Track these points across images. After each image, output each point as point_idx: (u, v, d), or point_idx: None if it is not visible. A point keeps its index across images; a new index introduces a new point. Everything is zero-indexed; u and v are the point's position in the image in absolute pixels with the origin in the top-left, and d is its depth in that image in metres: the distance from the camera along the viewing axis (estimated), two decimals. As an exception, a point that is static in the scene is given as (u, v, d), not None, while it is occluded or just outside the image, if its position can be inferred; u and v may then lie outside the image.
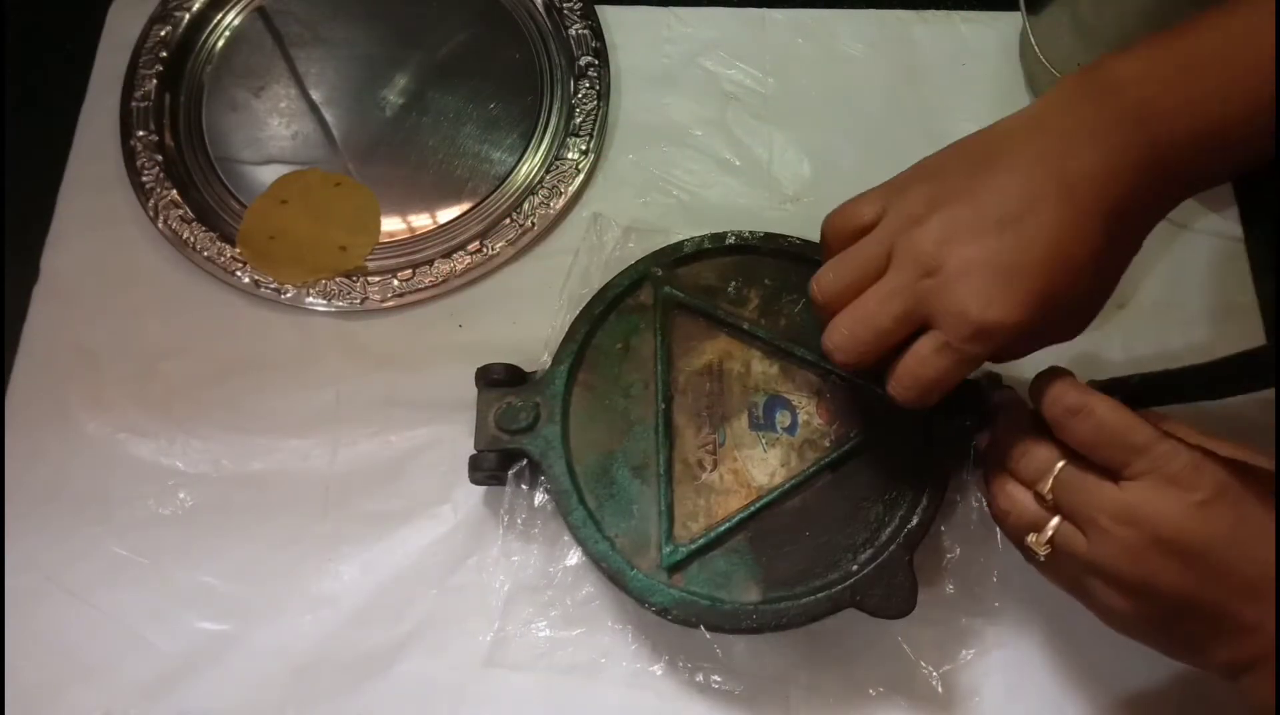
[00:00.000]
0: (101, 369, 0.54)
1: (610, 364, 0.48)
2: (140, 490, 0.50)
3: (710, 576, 0.44)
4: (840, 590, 0.43)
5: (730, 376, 0.48)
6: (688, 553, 0.44)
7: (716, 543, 0.45)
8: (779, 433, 0.47)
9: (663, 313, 0.49)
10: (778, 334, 0.48)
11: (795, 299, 0.49)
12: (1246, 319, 0.54)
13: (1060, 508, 0.37)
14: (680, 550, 0.44)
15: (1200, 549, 0.34)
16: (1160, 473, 0.35)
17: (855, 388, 0.47)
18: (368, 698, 0.47)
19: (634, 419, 0.47)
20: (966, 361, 0.36)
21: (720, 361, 0.48)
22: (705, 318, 0.49)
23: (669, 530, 0.45)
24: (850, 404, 0.47)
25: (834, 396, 0.47)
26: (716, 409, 0.47)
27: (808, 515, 0.45)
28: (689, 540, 0.44)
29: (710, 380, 0.48)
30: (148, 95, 0.59)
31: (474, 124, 0.59)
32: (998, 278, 0.35)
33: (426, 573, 0.50)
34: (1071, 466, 0.37)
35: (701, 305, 0.49)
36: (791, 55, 0.61)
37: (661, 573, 0.44)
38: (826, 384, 0.47)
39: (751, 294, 0.49)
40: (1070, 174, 0.35)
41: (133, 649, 0.48)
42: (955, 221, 0.36)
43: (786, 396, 0.47)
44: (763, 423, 0.47)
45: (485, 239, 0.56)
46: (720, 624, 0.43)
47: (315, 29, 0.61)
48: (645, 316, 0.49)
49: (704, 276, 0.50)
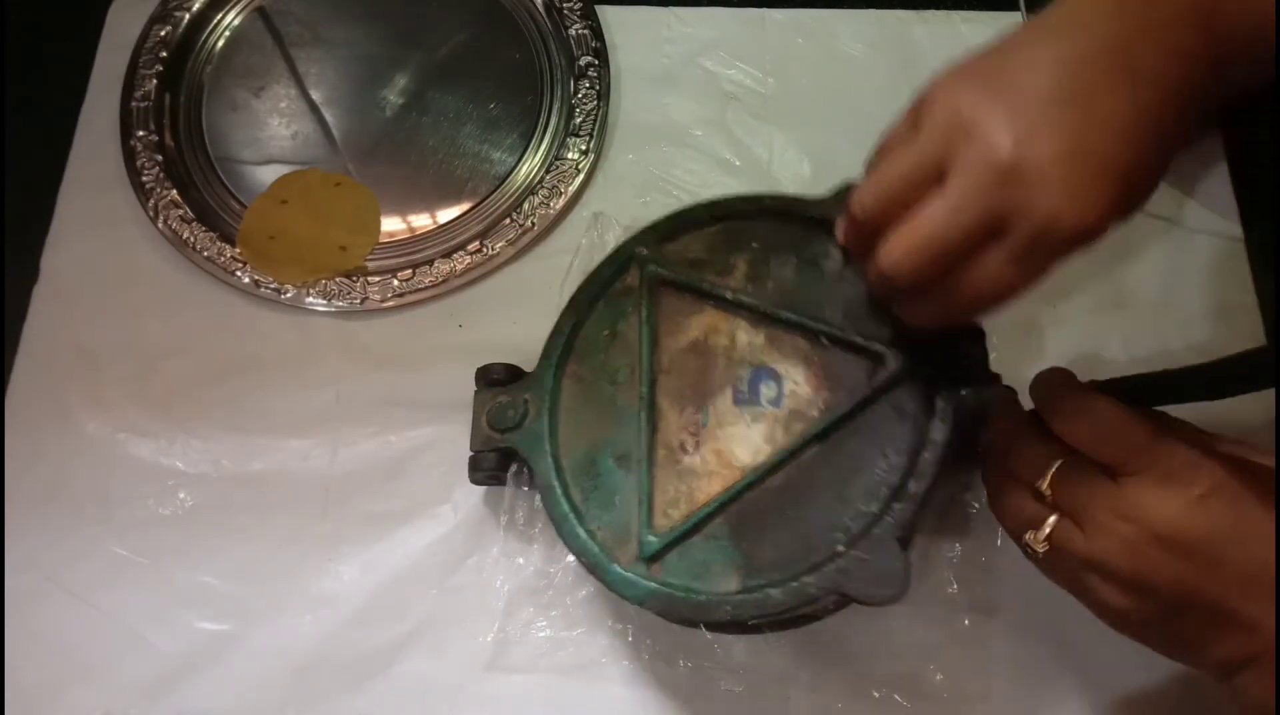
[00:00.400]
0: (101, 369, 0.54)
1: (598, 352, 0.47)
2: (140, 490, 0.50)
3: (689, 566, 0.41)
4: (823, 575, 0.39)
5: (716, 351, 0.45)
6: (665, 542, 0.41)
7: (695, 530, 0.42)
8: (764, 407, 0.43)
9: (649, 293, 0.46)
10: (765, 299, 0.45)
11: (784, 260, 0.46)
12: (1246, 319, 0.54)
13: (1059, 505, 0.37)
14: (657, 540, 0.42)
15: (1198, 545, 0.34)
16: (1158, 469, 0.35)
17: (850, 347, 0.43)
18: (368, 698, 0.47)
19: (621, 406, 0.45)
20: (1046, 270, 0.33)
21: (706, 336, 0.45)
22: (691, 292, 0.46)
23: (648, 519, 0.42)
24: (841, 367, 0.43)
25: (823, 361, 0.44)
26: (701, 387, 0.44)
27: (793, 494, 0.42)
28: (668, 529, 0.42)
29: (696, 357, 0.45)
30: (148, 95, 0.59)
31: (474, 124, 0.59)
32: (1086, 168, 0.32)
33: (426, 573, 0.50)
34: (1070, 464, 0.37)
35: (686, 279, 0.46)
36: (791, 55, 0.61)
37: (640, 565, 0.41)
38: (815, 348, 0.44)
39: (739, 261, 0.46)
40: (1135, 59, 0.33)
41: (133, 649, 0.48)
42: (1022, 115, 0.32)
43: (772, 366, 0.44)
44: (747, 397, 0.44)
45: (485, 239, 0.56)
46: (695, 616, 0.41)
47: (315, 29, 0.61)
48: (632, 299, 0.47)
49: (691, 249, 0.47)
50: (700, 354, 0.45)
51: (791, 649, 0.47)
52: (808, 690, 0.46)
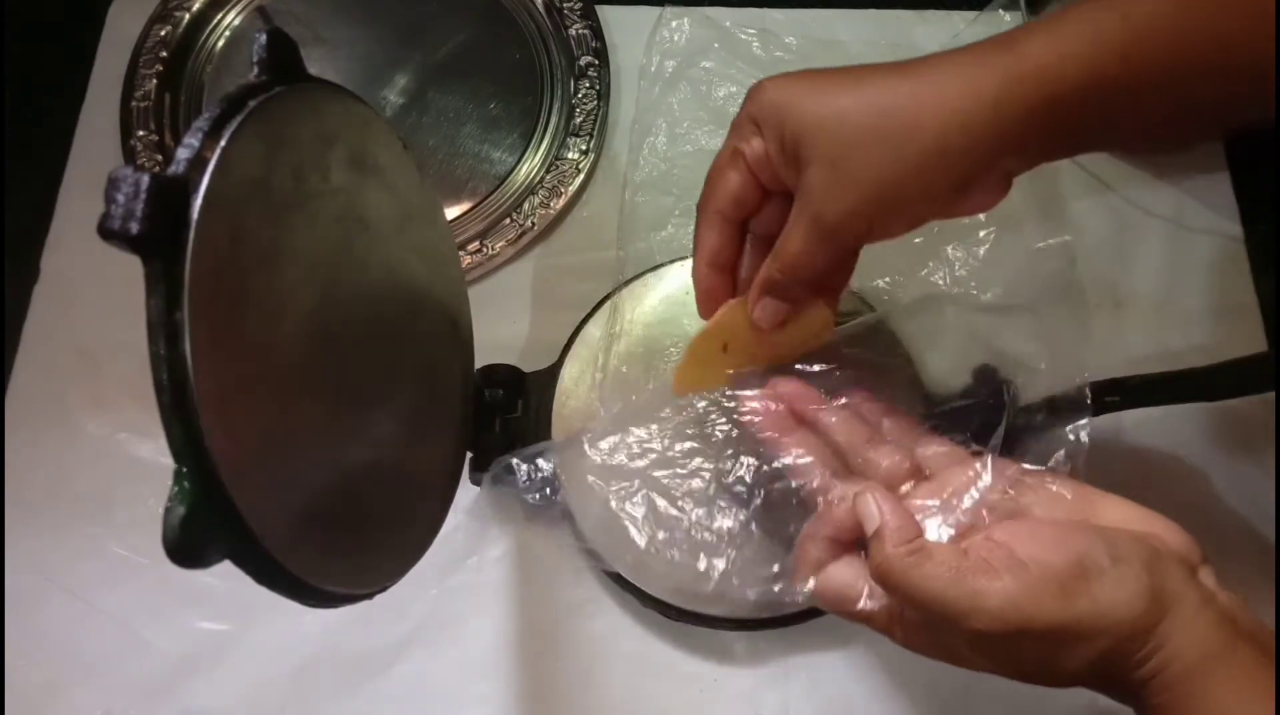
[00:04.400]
0: (101, 369, 0.54)
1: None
2: (140, 490, 0.51)
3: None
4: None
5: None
6: None
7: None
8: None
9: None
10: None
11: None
12: (1246, 319, 0.54)
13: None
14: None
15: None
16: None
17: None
18: (368, 698, 0.47)
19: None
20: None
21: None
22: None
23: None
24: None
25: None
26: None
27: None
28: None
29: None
30: (148, 95, 0.59)
31: (474, 124, 0.59)
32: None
33: (426, 573, 0.49)
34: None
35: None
36: (792, 55, 0.61)
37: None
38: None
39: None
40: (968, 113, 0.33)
41: (133, 649, 0.48)
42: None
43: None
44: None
45: (485, 239, 0.55)
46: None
47: (315, 29, 0.61)
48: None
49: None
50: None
51: (793, 648, 0.47)
52: (808, 689, 0.46)
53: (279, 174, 0.29)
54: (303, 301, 0.31)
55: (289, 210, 0.30)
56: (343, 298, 0.33)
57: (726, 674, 0.46)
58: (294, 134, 0.31)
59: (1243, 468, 0.50)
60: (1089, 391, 0.42)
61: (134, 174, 0.23)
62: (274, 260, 0.29)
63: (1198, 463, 0.50)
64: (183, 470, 0.25)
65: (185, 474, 0.25)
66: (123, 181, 0.23)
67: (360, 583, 0.33)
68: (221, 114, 0.27)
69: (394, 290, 0.38)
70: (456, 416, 0.43)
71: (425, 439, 0.40)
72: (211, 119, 0.27)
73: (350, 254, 0.34)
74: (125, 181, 0.23)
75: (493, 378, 0.48)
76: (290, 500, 0.29)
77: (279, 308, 0.29)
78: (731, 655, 0.46)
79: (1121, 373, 0.41)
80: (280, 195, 0.30)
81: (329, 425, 0.33)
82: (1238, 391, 0.37)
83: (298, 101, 0.31)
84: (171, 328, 0.24)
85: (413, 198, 0.39)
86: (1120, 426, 0.50)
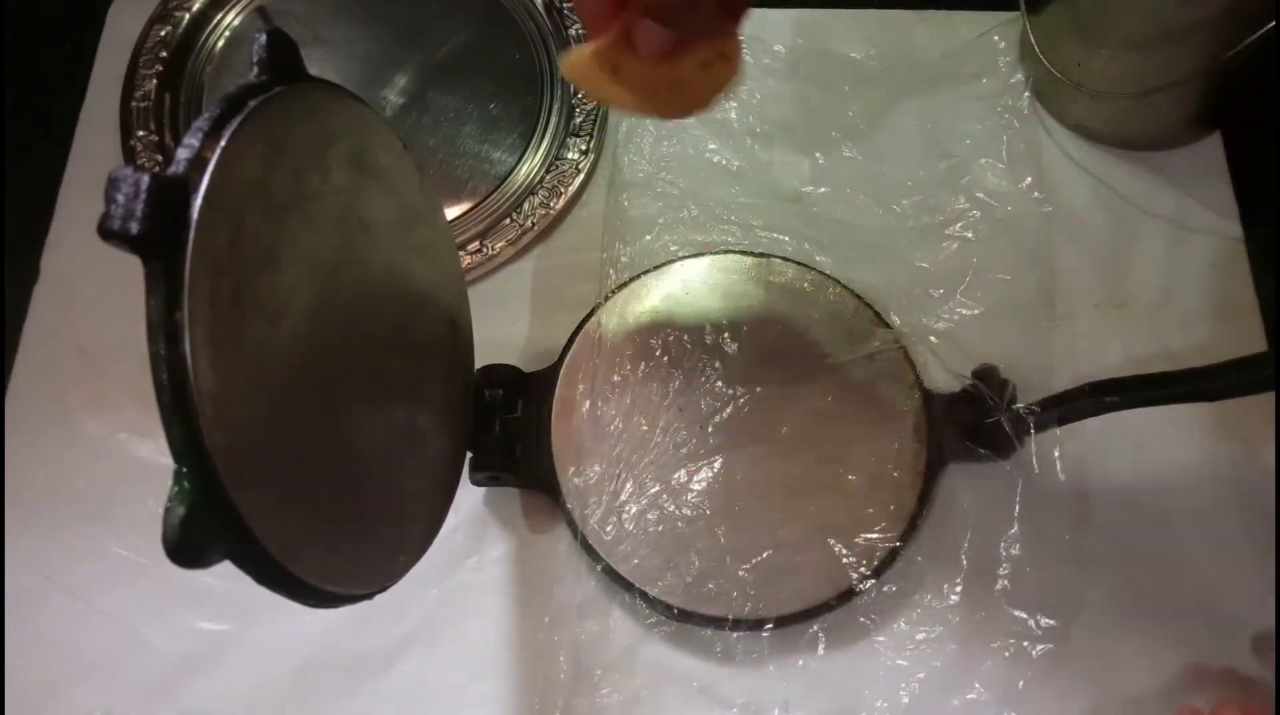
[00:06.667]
0: (101, 369, 0.54)
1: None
2: (140, 490, 0.51)
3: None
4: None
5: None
6: None
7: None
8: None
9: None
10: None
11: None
12: (1246, 319, 0.54)
13: None
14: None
15: None
16: None
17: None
18: (367, 698, 0.47)
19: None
20: None
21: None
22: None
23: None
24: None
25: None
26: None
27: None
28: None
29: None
30: (148, 95, 0.59)
31: (474, 124, 0.59)
32: None
33: (426, 573, 0.49)
34: None
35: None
36: (792, 55, 0.61)
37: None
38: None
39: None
40: None
41: (133, 649, 0.48)
42: None
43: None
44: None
45: (485, 239, 0.55)
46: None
47: (315, 29, 0.61)
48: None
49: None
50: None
51: (793, 647, 0.47)
52: (808, 689, 0.46)
53: (279, 174, 0.29)
54: (302, 301, 0.30)
55: (289, 210, 0.30)
56: (343, 298, 0.33)
57: (726, 674, 0.46)
58: (294, 134, 0.31)
59: (1243, 468, 0.50)
60: (1089, 391, 0.42)
61: (134, 174, 0.23)
62: (274, 260, 0.29)
63: (1198, 463, 0.50)
64: (183, 470, 0.25)
65: (185, 474, 0.25)
66: (123, 181, 0.23)
67: (360, 583, 0.33)
68: (221, 114, 0.27)
69: (394, 290, 0.38)
70: (456, 417, 0.43)
71: (425, 439, 0.40)
72: (211, 119, 0.26)
73: (350, 254, 0.34)
74: (125, 181, 0.23)
75: (493, 378, 0.48)
76: (290, 500, 0.29)
77: (279, 308, 0.29)
78: (731, 655, 0.46)
79: (1121, 373, 0.41)
80: (280, 195, 0.29)
81: (329, 425, 0.32)
82: (1238, 391, 0.37)
83: (298, 102, 0.31)
84: (171, 328, 0.24)
85: (413, 198, 0.39)
86: (1120, 426, 0.50)
